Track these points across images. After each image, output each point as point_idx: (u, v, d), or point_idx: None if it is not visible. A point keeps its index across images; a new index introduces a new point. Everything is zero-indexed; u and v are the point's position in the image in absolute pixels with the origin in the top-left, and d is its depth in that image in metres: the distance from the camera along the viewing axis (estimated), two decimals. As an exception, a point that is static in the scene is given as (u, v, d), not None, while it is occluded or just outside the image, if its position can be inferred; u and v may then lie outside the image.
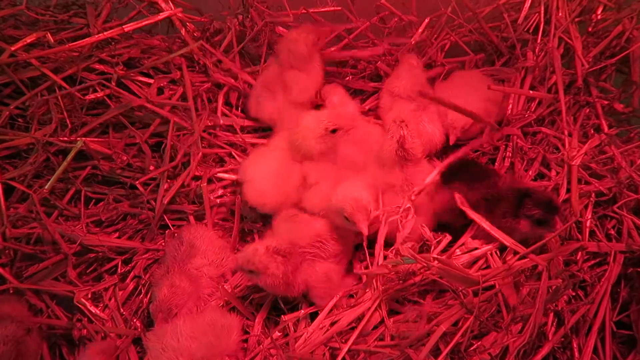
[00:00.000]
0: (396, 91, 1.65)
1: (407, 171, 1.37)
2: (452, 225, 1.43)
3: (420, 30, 1.79)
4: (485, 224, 1.33)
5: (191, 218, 1.62)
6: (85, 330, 1.43)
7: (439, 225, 1.44)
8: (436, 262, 1.16)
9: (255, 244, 1.31)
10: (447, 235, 1.37)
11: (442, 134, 1.63)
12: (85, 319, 1.45)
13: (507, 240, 1.30)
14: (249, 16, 1.75)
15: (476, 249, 1.35)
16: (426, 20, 1.80)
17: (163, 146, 1.64)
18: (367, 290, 1.31)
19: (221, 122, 1.73)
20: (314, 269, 1.33)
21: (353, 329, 1.26)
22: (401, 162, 1.36)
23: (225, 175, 1.66)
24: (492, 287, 1.20)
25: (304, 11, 1.74)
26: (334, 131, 1.41)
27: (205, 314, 1.34)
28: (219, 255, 1.48)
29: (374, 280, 1.29)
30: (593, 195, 1.39)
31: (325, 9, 1.76)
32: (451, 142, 1.60)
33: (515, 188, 1.36)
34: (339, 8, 1.77)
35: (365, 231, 1.25)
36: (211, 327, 1.30)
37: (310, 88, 1.65)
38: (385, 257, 1.32)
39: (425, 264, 1.16)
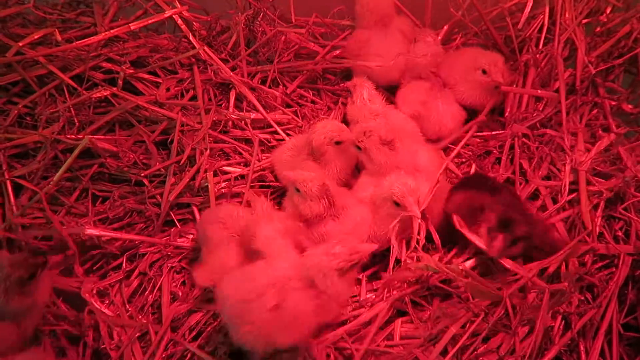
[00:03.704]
0: (415, 70, 1.64)
1: (397, 157, 1.38)
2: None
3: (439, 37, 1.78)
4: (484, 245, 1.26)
5: (194, 209, 1.60)
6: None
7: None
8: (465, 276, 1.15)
9: (317, 174, 1.33)
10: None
11: (458, 113, 1.64)
12: (91, 315, 1.44)
13: (508, 263, 1.24)
14: (258, 21, 1.76)
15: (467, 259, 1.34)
16: (445, 28, 1.81)
17: (169, 141, 1.63)
18: (382, 292, 1.29)
19: (230, 116, 1.72)
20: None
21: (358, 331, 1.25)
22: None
23: (230, 169, 1.65)
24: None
25: (317, 19, 1.75)
26: (338, 143, 1.46)
27: None
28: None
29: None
30: (604, 195, 1.39)
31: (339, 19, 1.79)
32: (498, 80, 1.57)
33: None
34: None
35: (417, 213, 1.22)
36: None
37: None
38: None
39: (453, 276, 1.15)
